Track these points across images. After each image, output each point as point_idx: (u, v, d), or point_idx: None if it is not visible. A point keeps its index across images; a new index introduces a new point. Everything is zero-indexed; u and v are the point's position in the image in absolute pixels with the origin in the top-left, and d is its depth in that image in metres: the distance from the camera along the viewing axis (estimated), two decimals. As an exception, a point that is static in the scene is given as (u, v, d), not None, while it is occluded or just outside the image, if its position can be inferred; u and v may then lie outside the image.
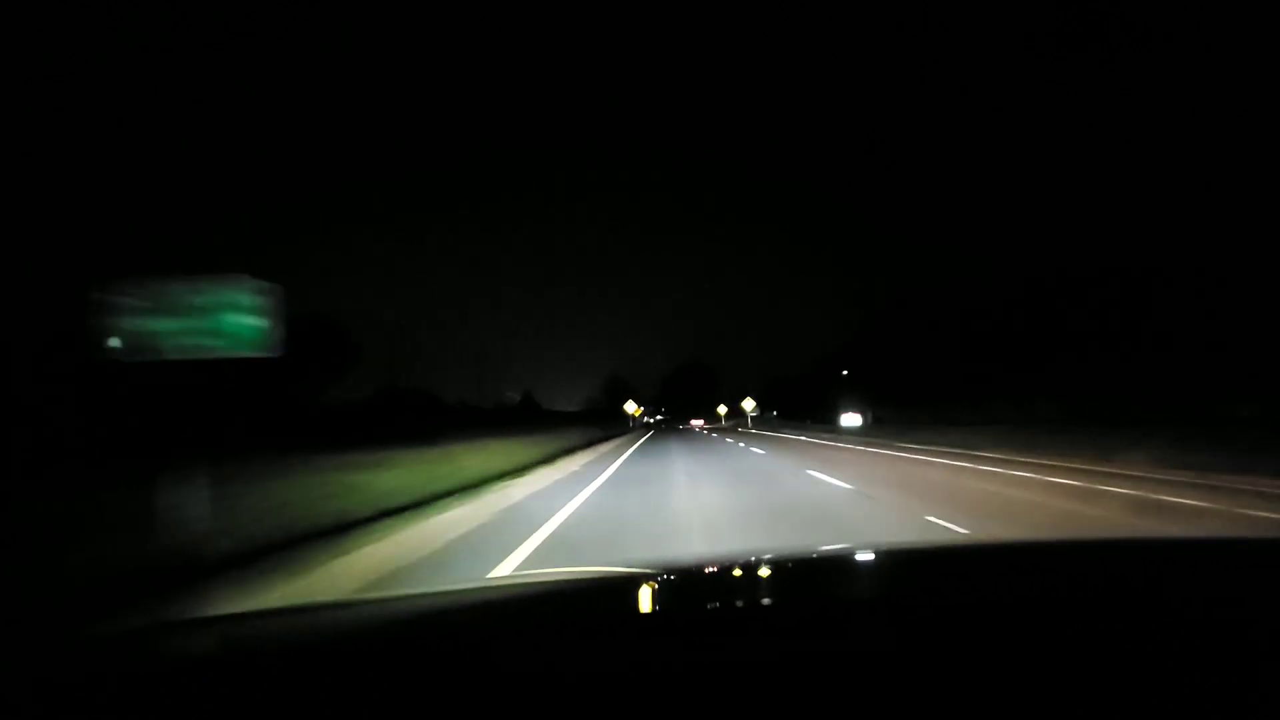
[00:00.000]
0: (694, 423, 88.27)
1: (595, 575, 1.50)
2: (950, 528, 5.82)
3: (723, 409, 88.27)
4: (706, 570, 1.42)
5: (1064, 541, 2.16)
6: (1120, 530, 5.80)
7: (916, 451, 16.99)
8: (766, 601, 1.13)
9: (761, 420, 66.83)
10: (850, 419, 42.61)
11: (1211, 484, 8.43)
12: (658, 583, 1.20)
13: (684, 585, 1.23)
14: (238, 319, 3.98)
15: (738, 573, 1.36)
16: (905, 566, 1.40)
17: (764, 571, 1.36)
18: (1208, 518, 6.29)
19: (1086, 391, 29.10)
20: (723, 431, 46.32)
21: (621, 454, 18.85)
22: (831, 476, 10.65)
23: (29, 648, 0.93)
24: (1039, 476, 10.06)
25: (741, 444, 24.01)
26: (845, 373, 56.67)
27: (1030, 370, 33.42)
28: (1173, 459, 10.53)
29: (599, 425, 44.41)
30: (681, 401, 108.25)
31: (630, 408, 55.38)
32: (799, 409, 62.47)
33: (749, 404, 59.77)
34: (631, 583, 1.25)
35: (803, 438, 29.46)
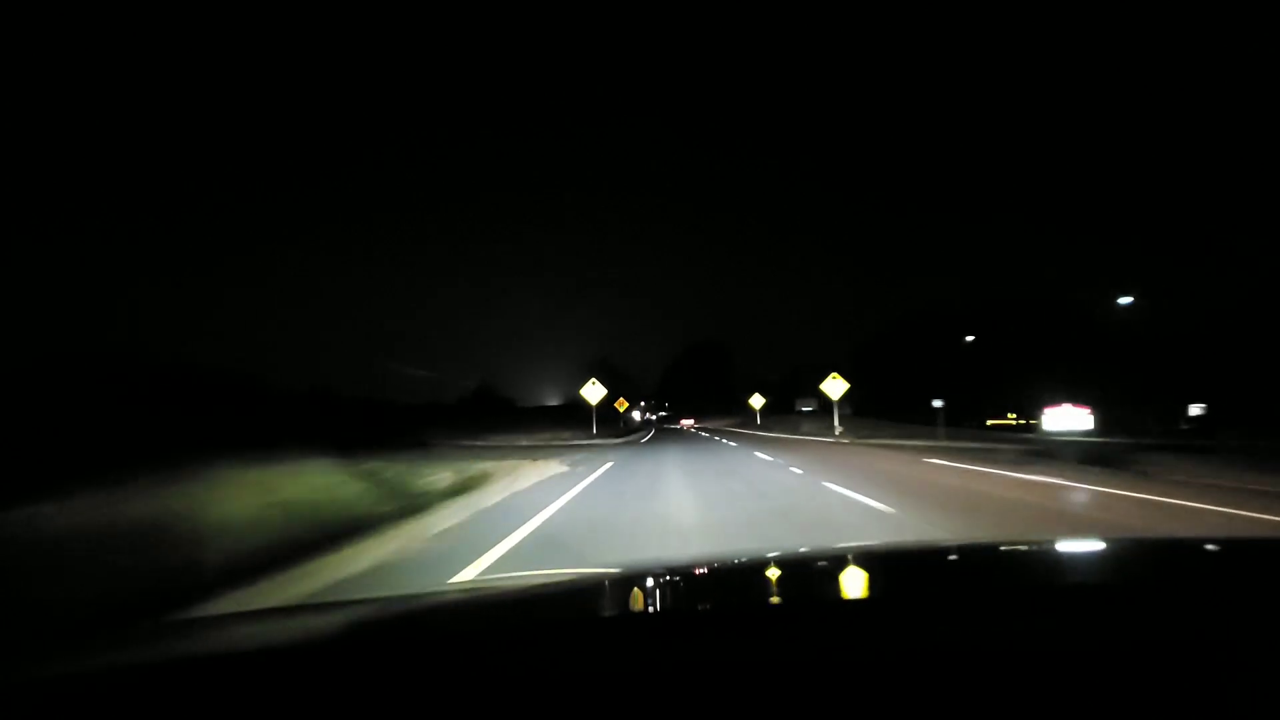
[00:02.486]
0: (684, 422, 71.47)
1: (569, 578, 1.51)
2: None
3: (757, 400, 53.20)
4: (682, 571, 1.42)
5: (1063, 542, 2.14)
6: None
7: None
8: (753, 602, 1.12)
9: (856, 420, 35.80)
10: (1065, 418, 21.37)
11: None
12: (633, 584, 1.22)
13: (660, 587, 1.22)
14: None
15: (710, 573, 1.37)
16: (891, 567, 1.38)
17: (746, 572, 1.36)
18: None
19: None
20: (776, 447, 20.28)
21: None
22: None
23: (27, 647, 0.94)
24: None
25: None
26: (971, 338, 38.66)
27: None
28: None
29: (551, 431, 27.92)
30: (688, 394, 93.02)
31: (591, 394, 27.52)
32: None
33: (834, 387, 29.02)
34: (608, 584, 1.28)
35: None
